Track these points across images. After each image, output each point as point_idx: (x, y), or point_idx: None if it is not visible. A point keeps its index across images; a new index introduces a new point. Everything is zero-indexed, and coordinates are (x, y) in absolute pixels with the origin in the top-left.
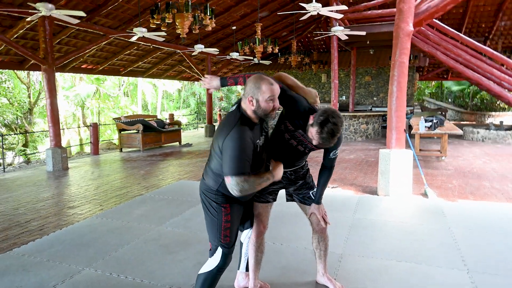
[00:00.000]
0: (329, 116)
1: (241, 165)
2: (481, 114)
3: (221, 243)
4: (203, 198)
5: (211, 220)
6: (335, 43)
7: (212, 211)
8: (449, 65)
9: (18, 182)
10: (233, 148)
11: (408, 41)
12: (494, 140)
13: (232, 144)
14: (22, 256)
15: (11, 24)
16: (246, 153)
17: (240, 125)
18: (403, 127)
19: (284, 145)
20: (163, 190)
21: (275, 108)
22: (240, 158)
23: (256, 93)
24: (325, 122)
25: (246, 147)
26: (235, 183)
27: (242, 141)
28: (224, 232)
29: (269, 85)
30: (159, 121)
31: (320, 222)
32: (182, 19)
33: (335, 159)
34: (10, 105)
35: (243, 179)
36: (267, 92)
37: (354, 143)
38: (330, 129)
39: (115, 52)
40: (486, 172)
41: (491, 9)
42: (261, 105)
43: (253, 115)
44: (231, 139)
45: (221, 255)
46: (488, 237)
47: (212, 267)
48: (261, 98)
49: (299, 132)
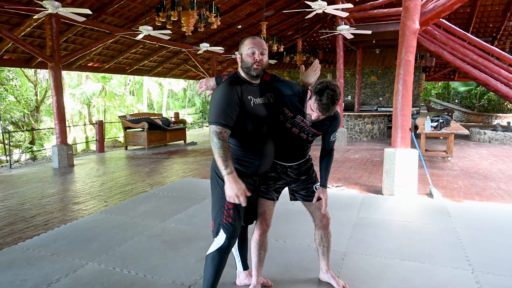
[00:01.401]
0: (327, 84)
1: (220, 113)
2: (488, 116)
3: (222, 222)
4: (212, 174)
5: (216, 196)
6: (341, 42)
7: (219, 188)
8: (456, 64)
9: (24, 178)
10: (216, 98)
11: (414, 39)
12: (501, 141)
13: (215, 94)
14: (27, 250)
15: (19, 22)
16: (229, 103)
17: (229, 81)
18: (408, 126)
19: (287, 136)
20: (167, 187)
21: (255, 60)
22: (221, 107)
23: (240, 48)
24: (323, 89)
25: (229, 97)
26: (212, 130)
27: (225, 91)
28: (227, 212)
29: (251, 38)
30: (164, 120)
31: (322, 207)
32: (188, 17)
33: (334, 142)
34: (18, 103)
35: (219, 130)
36: (248, 44)
37: (360, 143)
38: (329, 95)
39: (121, 50)
40: (493, 173)
41: (499, 9)
42: (244, 58)
43: (243, 72)
44: (217, 90)
45: (224, 236)
46: (494, 238)
47: (216, 247)
48: (244, 51)
49: (299, 117)
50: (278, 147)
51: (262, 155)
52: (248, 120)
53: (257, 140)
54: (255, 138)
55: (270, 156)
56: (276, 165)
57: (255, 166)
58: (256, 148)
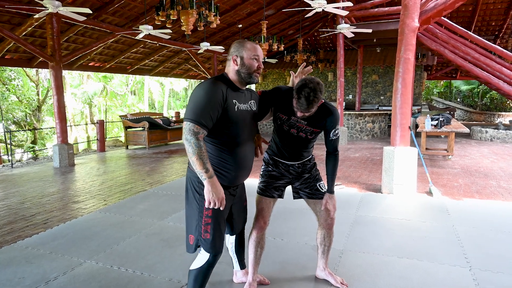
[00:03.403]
0: (306, 81)
1: (200, 113)
2: (490, 114)
3: (201, 238)
4: (188, 186)
5: (193, 211)
6: (341, 41)
7: (195, 202)
8: (457, 63)
9: (25, 177)
10: (198, 95)
11: (414, 37)
12: (503, 139)
13: (198, 90)
14: (26, 248)
15: (20, 22)
16: (211, 103)
17: (214, 79)
18: (408, 124)
19: (287, 137)
20: (167, 186)
21: (259, 67)
22: (202, 106)
23: (240, 51)
24: (301, 88)
25: (212, 96)
26: (188, 128)
27: (209, 89)
28: (204, 227)
29: (253, 44)
30: (165, 119)
31: (331, 213)
32: (187, 16)
33: (337, 140)
34: (20, 102)
35: (197, 130)
36: (252, 50)
37: (360, 141)
38: (306, 93)
39: (122, 50)
40: (493, 171)
41: (502, 7)
42: (246, 62)
43: (235, 76)
44: (200, 87)
45: (207, 252)
46: (492, 236)
47: (202, 263)
48: (246, 55)
49: (293, 118)
50: (280, 148)
51: (239, 166)
52: (230, 125)
53: (236, 148)
54: (234, 146)
55: (248, 168)
56: (279, 163)
57: (231, 177)
58: (234, 157)
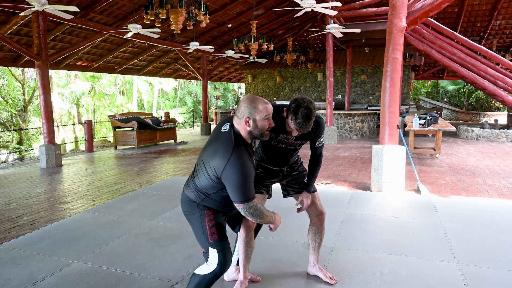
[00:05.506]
0: (299, 102)
1: (248, 191)
2: (476, 114)
3: (209, 243)
4: (185, 208)
5: (196, 223)
6: (330, 41)
7: (196, 218)
8: (444, 63)
9: (11, 178)
10: (238, 175)
11: (401, 37)
12: (489, 138)
13: (235, 170)
14: (12, 249)
15: (5, 20)
16: (250, 177)
17: (238, 149)
18: (396, 123)
19: (276, 150)
20: (156, 186)
21: (270, 125)
22: (247, 184)
23: (252, 113)
24: (297, 108)
25: (249, 172)
26: (247, 208)
27: (244, 167)
28: (210, 231)
29: (264, 104)
30: (154, 119)
31: (302, 208)
32: (176, 15)
33: (322, 147)
34: (5, 102)
35: (253, 203)
36: (264, 111)
37: (349, 141)
38: (304, 113)
39: (110, 49)
40: (479, 169)
41: (486, 8)
42: (258, 124)
43: (247, 135)
44: (233, 166)
45: (216, 257)
46: (479, 232)
47: (207, 272)
48: (258, 117)
49: (281, 136)
50: (270, 158)
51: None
52: None
53: None
54: None
55: None
56: (267, 169)
57: (229, 211)
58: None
